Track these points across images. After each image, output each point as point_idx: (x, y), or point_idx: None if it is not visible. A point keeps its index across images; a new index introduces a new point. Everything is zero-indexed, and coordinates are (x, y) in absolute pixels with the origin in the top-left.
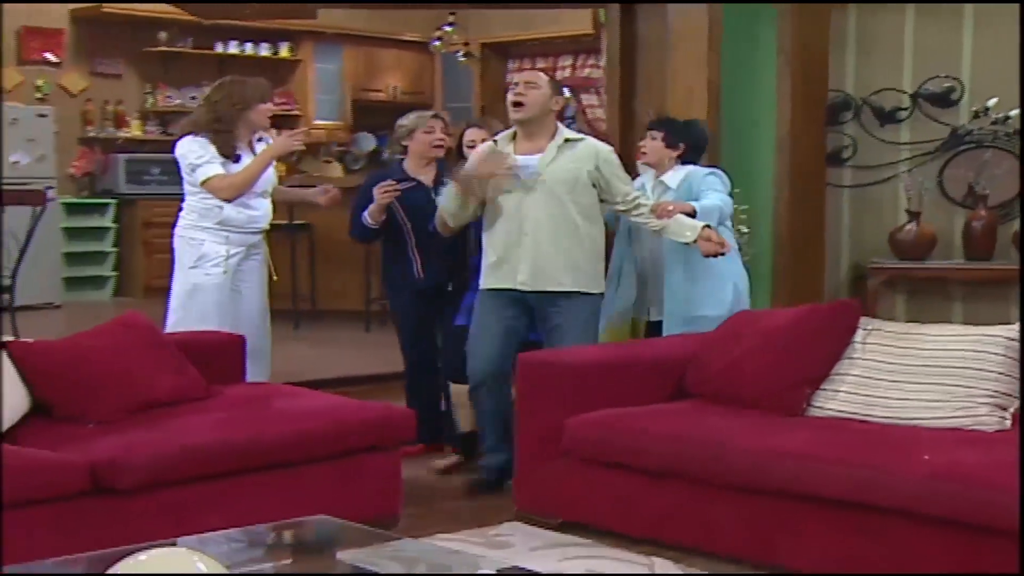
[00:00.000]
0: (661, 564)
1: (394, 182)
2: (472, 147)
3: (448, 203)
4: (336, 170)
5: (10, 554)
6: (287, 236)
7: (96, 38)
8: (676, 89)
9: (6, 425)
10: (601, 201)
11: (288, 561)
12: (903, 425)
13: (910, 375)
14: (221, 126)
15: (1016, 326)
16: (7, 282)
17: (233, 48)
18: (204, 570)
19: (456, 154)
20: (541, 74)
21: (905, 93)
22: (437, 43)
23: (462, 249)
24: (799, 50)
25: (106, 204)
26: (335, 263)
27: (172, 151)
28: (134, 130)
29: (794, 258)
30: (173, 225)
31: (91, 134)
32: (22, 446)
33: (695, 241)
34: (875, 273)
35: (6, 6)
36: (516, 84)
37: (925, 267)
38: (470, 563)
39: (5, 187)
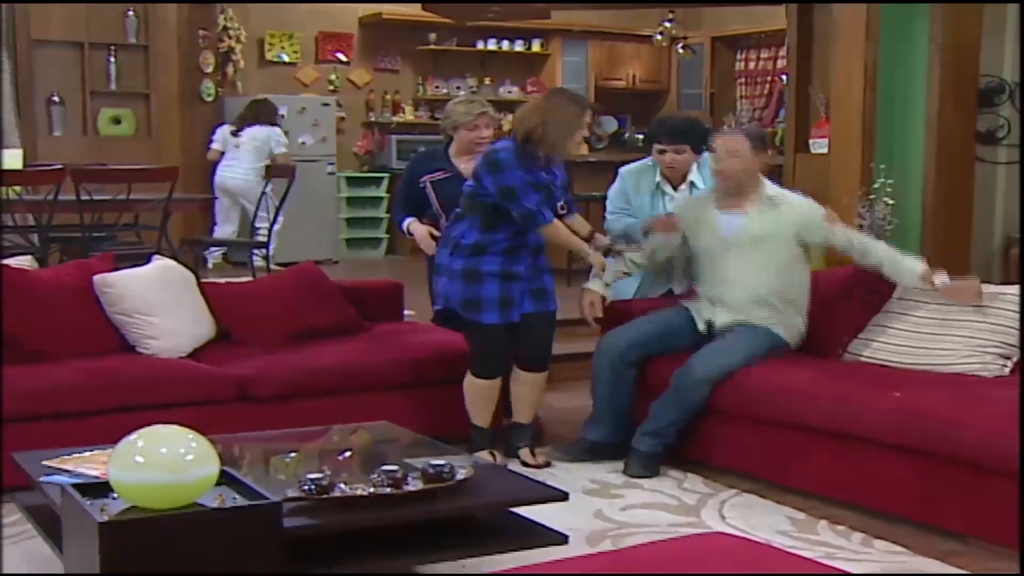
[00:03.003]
0: (691, 480)
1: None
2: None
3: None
4: (582, 149)
5: None
6: None
7: (378, 40)
8: (838, 75)
9: (193, 347)
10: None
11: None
12: (914, 370)
13: (933, 327)
14: None
15: None
16: (264, 239)
17: (492, 45)
18: (194, 446)
19: None
20: (742, 138)
21: None
22: (659, 37)
23: None
24: (950, 39)
25: (380, 177)
26: None
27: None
28: (407, 115)
29: (942, 230)
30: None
31: (371, 119)
32: (200, 363)
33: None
34: (1018, 243)
35: (306, 13)
36: (718, 150)
37: None
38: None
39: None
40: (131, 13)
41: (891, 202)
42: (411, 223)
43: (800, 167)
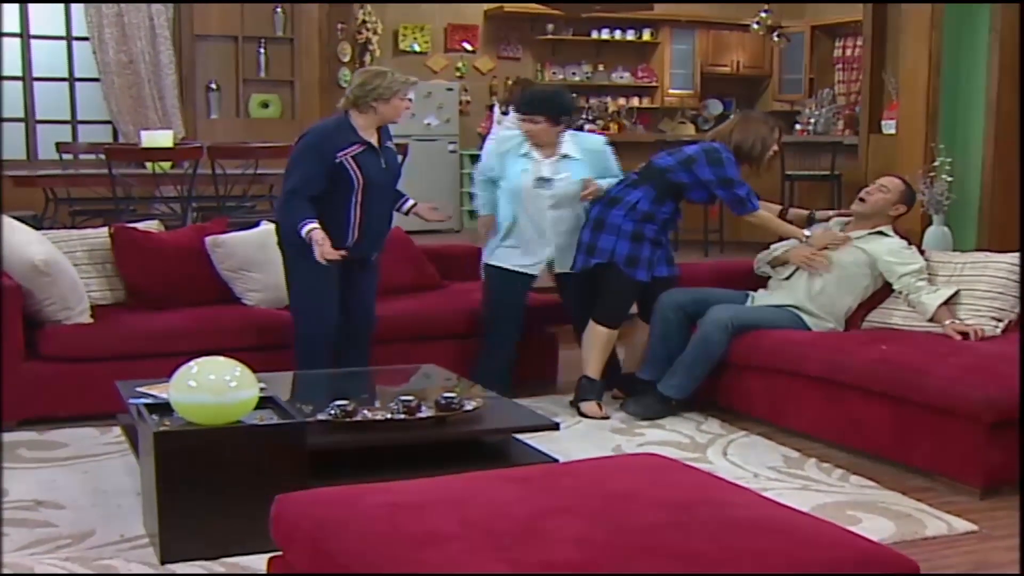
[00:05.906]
0: (709, 423)
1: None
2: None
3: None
4: (689, 129)
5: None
6: None
7: (501, 30)
8: (905, 62)
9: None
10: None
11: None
12: (911, 331)
13: None
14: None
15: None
16: None
17: (605, 34)
18: (238, 374)
19: None
20: (899, 182)
21: None
22: (756, 26)
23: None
24: (1010, 29)
25: None
26: None
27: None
28: None
29: (999, 206)
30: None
31: (494, 102)
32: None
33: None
34: None
35: (437, 7)
36: (873, 183)
37: None
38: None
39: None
40: (279, 10)
41: (950, 179)
42: (314, 231)
43: (872, 146)
